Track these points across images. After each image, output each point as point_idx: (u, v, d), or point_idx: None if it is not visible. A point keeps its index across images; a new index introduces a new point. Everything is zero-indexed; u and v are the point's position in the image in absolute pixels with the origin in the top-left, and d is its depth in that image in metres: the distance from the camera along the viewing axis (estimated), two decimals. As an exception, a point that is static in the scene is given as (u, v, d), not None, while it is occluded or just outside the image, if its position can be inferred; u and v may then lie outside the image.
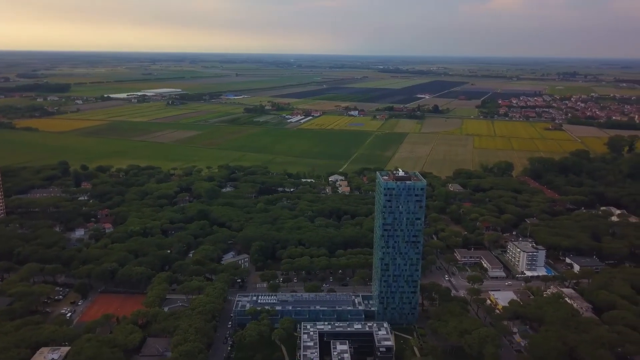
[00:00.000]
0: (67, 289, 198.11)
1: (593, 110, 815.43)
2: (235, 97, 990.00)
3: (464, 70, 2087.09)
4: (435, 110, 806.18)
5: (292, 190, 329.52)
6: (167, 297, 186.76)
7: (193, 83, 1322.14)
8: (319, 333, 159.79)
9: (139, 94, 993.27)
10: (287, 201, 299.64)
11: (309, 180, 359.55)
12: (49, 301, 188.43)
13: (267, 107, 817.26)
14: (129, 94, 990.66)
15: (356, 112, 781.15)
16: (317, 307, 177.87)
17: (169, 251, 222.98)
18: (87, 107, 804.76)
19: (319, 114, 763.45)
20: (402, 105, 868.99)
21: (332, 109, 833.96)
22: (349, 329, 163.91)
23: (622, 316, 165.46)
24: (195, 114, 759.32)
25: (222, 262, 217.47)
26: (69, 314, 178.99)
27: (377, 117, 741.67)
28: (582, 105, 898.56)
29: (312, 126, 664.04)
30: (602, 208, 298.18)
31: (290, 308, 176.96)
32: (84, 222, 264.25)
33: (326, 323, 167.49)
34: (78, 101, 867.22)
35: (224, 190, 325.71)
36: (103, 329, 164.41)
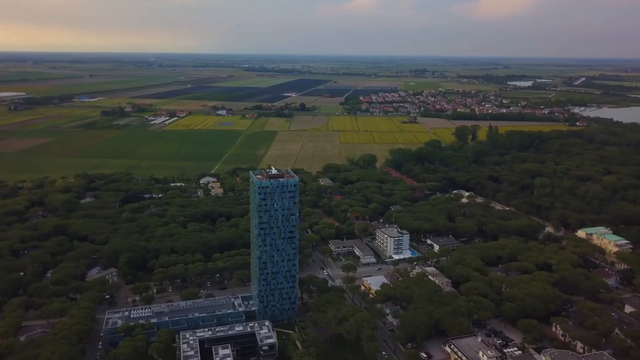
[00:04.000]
0: None
1: (441, 104, 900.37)
2: (91, 100, 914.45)
3: (327, 69, 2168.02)
4: (302, 108, 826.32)
5: (160, 196, 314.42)
6: (23, 324, 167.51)
7: (40, 85, 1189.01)
8: (199, 340, 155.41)
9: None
10: (156, 208, 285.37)
11: (178, 184, 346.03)
12: None
13: (127, 109, 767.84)
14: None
15: (224, 112, 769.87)
16: (196, 314, 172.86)
17: (22, 274, 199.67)
18: None
19: (184, 115, 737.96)
20: (270, 104, 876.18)
21: (198, 108, 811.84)
22: (230, 332, 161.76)
23: (475, 287, 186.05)
24: (45, 119, 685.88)
25: (87, 279, 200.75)
26: None
27: (247, 116, 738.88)
28: (432, 99, 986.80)
29: (178, 127, 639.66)
30: (454, 192, 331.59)
31: (167, 319, 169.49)
32: None
33: (206, 329, 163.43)
34: None
35: (82, 201, 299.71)
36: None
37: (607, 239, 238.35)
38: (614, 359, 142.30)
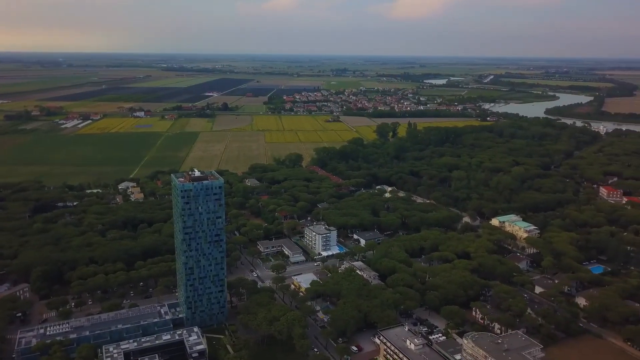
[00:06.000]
0: None
1: (363, 102, 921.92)
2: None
3: (249, 68, 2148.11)
4: (225, 108, 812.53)
5: (75, 204, 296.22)
6: None
7: None
8: (123, 353, 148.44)
9: None
10: (71, 217, 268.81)
11: (95, 190, 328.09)
12: None
13: (34, 113, 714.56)
14: None
15: (142, 113, 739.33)
16: (119, 326, 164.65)
17: None
18: None
19: (99, 117, 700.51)
20: (190, 104, 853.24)
21: (114, 110, 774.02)
22: (157, 341, 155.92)
23: (401, 278, 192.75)
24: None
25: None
26: None
27: (166, 117, 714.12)
28: (354, 98, 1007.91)
29: (93, 130, 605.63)
30: (377, 187, 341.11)
31: (87, 333, 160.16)
32: None
33: (131, 340, 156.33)
34: None
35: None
36: None
37: (517, 226, 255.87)
38: (527, 336, 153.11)
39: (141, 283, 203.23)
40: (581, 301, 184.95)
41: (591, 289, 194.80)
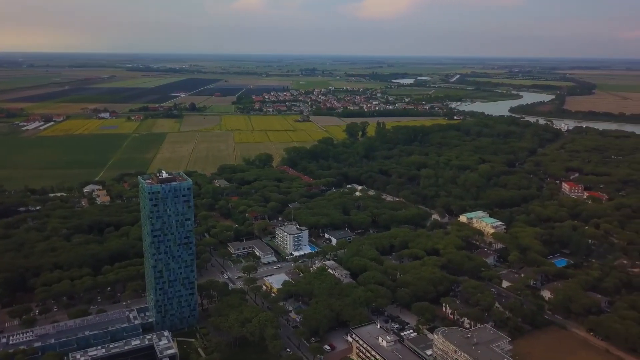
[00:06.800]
0: None
1: (332, 102, 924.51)
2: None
3: (216, 68, 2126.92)
4: (193, 108, 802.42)
5: (38, 208, 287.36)
6: None
7: None
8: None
9: None
10: (34, 221, 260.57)
11: (58, 194, 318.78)
12: None
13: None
14: None
15: (107, 114, 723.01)
16: (87, 333, 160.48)
17: None
18: None
19: (62, 119, 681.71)
20: (157, 105, 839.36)
21: (78, 112, 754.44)
22: (126, 347, 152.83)
23: (372, 276, 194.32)
24: None
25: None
26: None
27: (132, 118, 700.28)
28: (323, 97, 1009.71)
29: (56, 132, 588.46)
30: (348, 186, 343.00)
31: (53, 341, 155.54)
32: None
33: (99, 347, 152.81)
34: None
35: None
36: None
37: (484, 222, 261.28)
38: (496, 330, 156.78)
39: (109, 288, 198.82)
40: (546, 294, 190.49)
41: (555, 281, 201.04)
